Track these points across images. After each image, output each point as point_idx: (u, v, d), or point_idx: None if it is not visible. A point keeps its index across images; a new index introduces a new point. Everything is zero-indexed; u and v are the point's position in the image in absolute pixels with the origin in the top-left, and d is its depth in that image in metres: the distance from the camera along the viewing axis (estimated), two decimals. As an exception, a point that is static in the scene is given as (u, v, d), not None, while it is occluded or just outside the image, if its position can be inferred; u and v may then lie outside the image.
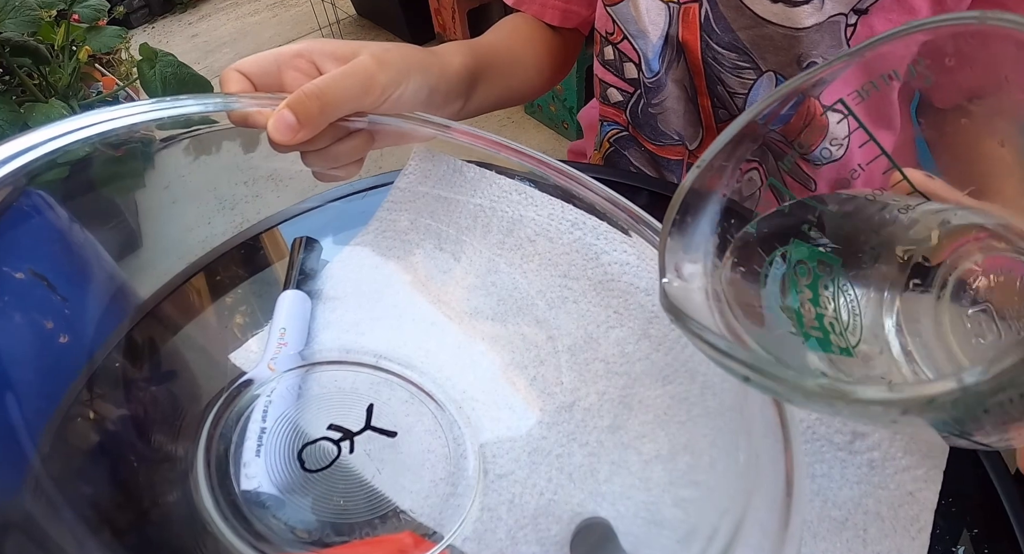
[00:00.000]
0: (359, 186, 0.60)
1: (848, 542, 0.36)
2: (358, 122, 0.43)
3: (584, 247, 0.47)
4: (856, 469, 0.38)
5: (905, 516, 0.36)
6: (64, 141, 0.34)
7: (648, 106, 0.63)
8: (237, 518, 0.37)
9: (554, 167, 0.45)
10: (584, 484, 0.37)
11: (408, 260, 0.52)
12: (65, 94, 1.71)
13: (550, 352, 0.44)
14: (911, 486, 0.37)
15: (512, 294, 0.48)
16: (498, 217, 0.50)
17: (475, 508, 0.38)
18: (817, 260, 0.31)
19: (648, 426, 0.39)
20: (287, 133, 0.38)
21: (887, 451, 0.38)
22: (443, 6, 2.25)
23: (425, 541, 0.36)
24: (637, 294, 0.44)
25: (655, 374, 0.41)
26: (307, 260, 0.54)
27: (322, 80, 0.40)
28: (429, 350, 0.47)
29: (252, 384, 0.44)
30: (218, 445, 0.41)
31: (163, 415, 0.48)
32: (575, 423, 0.40)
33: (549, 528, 0.36)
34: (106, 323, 0.52)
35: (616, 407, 0.40)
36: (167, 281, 0.56)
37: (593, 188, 0.43)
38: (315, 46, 0.45)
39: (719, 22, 0.54)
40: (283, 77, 0.44)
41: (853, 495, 0.37)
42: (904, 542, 0.36)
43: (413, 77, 0.45)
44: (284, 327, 0.47)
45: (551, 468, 0.38)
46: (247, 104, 0.41)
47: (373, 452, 0.40)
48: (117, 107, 0.37)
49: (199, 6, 3.21)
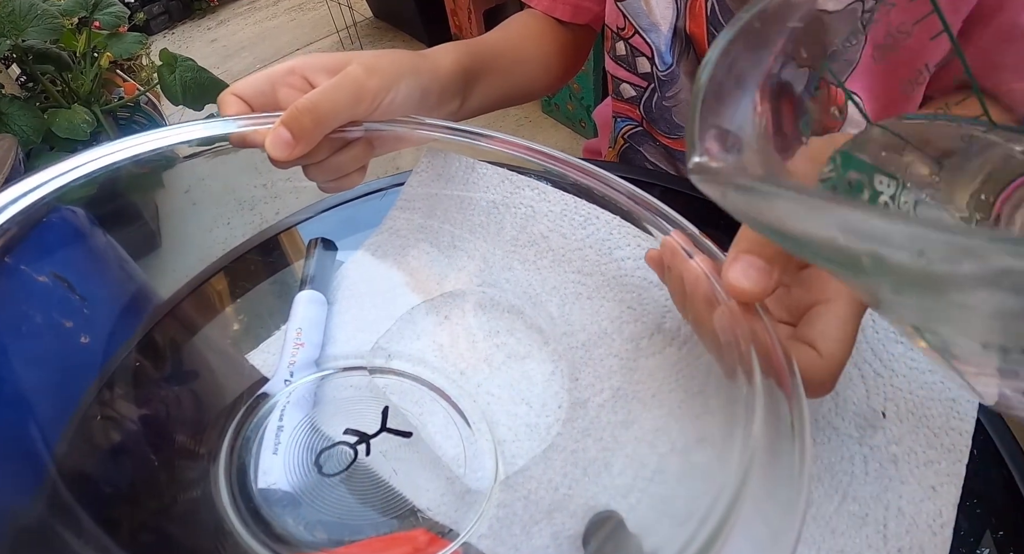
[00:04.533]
0: (375, 186, 0.61)
1: (868, 538, 0.35)
2: (354, 131, 0.44)
3: (597, 242, 0.47)
4: (877, 464, 0.37)
5: (927, 511, 0.35)
6: (88, 169, 0.37)
7: (663, 99, 0.63)
8: (254, 517, 0.37)
9: (568, 162, 0.45)
10: (598, 478, 0.37)
11: (422, 259, 0.52)
12: (87, 100, 1.73)
13: (565, 348, 0.44)
14: (933, 480, 0.36)
15: (527, 291, 0.48)
16: (511, 214, 0.50)
17: (491, 505, 0.37)
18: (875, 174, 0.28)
19: (663, 420, 0.39)
20: (284, 149, 0.40)
21: (909, 446, 0.37)
22: (459, 7, 2.26)
23: (440, 539, 0.36)
24: (651, 289, 0.44)
25: (669, 368, 0.41)
26: (323, 261, 0.54)
27: (313, 94, 0.40)
28: (443, 346, 0.47)
29: (270, 387, 0.45)
30: (238, 445, 0.41)
31: (182, 415, 0.48)
32: (589, 419, 0.40)
33: (564, 523, 0.36)
34: (126, 323, 0.53)
35: (630, 402, 0.40)
36: (186, 282, 0.56)
37: (607, 181, 0.43)
38: (306, 61, 0.45)
39: (725, 14, 0.53)
40: (277, 95, 0.45)
41: (873, 490, 0.36)
42: (926, 538, 0.35)
43: (403, 81, 0.45)
44: (300, 327, 0.48)
45: (566, 463, 0.38)
46: (246, 125, 0.42)
47: (389, 452, 0.41)
48: (129, 138, 0.39)
49: (218, 11, 3.24)
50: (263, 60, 2.76)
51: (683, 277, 0.34)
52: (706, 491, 0.24)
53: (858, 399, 0.39)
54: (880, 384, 0.39)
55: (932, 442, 0.37)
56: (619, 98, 0.68)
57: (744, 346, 0.29)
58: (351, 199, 0.61)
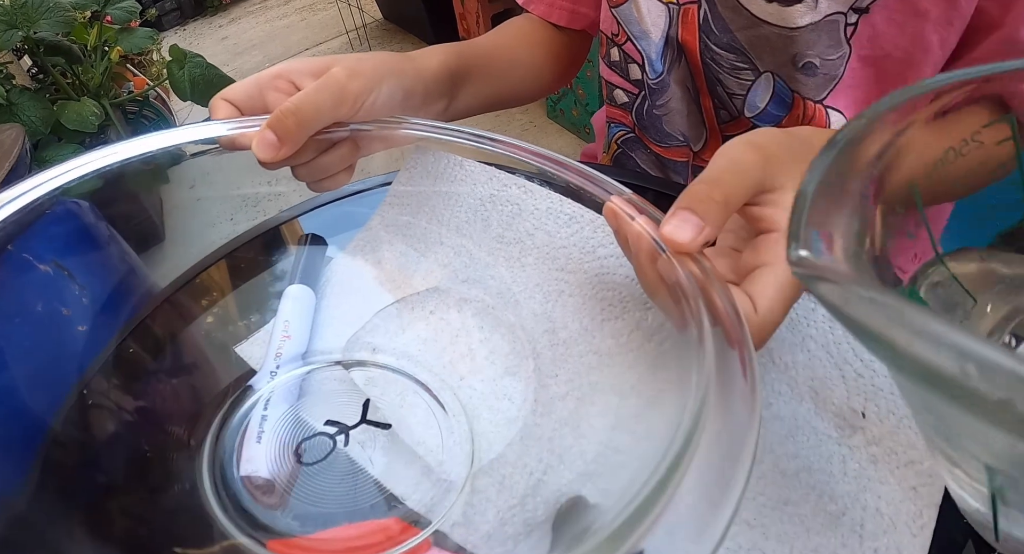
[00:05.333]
0: (370, 184, 0.62)
1: (843, 537, 0.35)
2: (340, 132, 0.45)
3: (581, 241, 0.48)
4: (856, 464, 0.37)
5: (907, 512, 0.36)
6: (92, 167, 0.39)
7: (653, 107, 0.64)
8: (234, 505, 0.38)
9: (554, 159, 0.46)
10: (574, 465, 0.38)
11: (408, 255, 0.53)
12: (97, 93, 1.75)
13: (546, 345, 0.45)
14: (914, 481, 0.36)
15: (510, 288, 0.49)
16: (497, 211, 0.51)
17: (464, 493, 0.38)
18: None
19: (641, 408, 0.39)
20: (270, 151, 0.41)
21: (888, 446, 0.38)
22: (468, 11, 2.27)
23: (412, 527, 0.37)
24: (632, 286, 0.45)
25: (648, 363, 0.41)
26: (312, 256, 0.55)
27: (296, 97, 0.42)
28: (426, 341, 0.48)
29: (256, 379, 0.46)
30: (223, 435, 0.42)
31: (171, 405, 0.49)
32: (568, 411, 0.41)
33: (536, 508, 0.37)
34: (122, 313, 0.54)
35: (609, 395, 0.41)
36: (181, 273, 0.58)
37: (588, 176, 0.44)
38: (292, 66, 0.47)
39: (717, 22, 0.54)
40: (265, 99, 0.46)
41: (851, 489, 0.37)
42: (904, 538, 0.35)
43: (385, 82, 0.46)
44: (288, 320, 0.49)
45: (542, 450, 0.39)
46: (235, 128, 0.43)
47: (367, 443, 0.42)
48: (131, 141, 0.41)
49: (229, 9, 3.27)
50: (272, 59, 2.78)
51: (627, 235, 0.35)
52: (659, 447, 0.25)
53: (838, 399, 0.40)
54: (861, 384, 0.40)
55: (913, 442, 0.37)
56: (613, 104, 0.69)
57: (689, 290, 0.31)
58: (344, 196, 0.62)
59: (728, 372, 0.26)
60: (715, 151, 0.61)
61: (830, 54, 0.51)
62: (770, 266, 0.33)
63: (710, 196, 0.32)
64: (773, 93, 0.55)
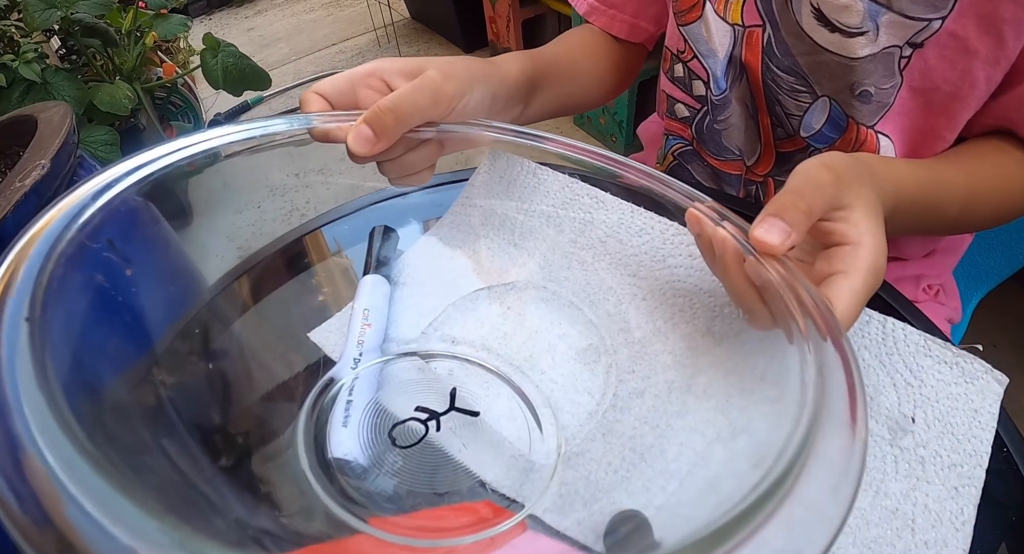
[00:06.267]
0: (435, 180, 0.64)
1: (898, 530, 0.39)
2: (427, 132, 0.47)
3: (652, 250, 0.50)
4: (906, 464, 0.41)
5: (950, 510, 0.39)
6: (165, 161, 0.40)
7: (714, 122, 0.66)
8: (332, 483, 0.40)
9: (622, 162, 0.48)
10: (655, 463, 0.40)
11: (483, 252, 0.56)
12: (129, 77, 1.77)
13: (622, 343, 0.47)
14: (956, 482, 0.40)
15: (585, 288, 0.51)
16: (570, 219, 0.53)
17: (555, 482, 0.41)
18: None
19: (711, 412, 0.42)
20: (365, 145, 0.43)
21: (935, 449, 0.41)
22: (499, 15, 2.29)
23: (504, 511, 0.39)
24: (701, 295, 0.47)
25: (718, 366, 0.44)
26: (384, 248, 0.57)
27: (395, 95, 0.44)
28: (506, 334, 0.50)
29: (339, 366, 0.48)
30: (315, 417, 0.44)
31: (245, 386, 0.50)
32: (647, 408, 0.43)
33: (621, 502, 0.39)
34: (187, 298, 0.55)
35: (683, 395, 0.43)
36: (244, 259, 0.59)
37: (664, 181, 0.47)
38: (385, 65, 0.49)
39: (780, 46, 0.57)
40: (357, 95, 0.48)
41: (903, 487, 0.40)
42: (949, 533, 0.38)
43: (477, 87, 0.49)
44: (367, 308, 0.51)
45: (624, 448, 0.41)
46: (327, 121, 0.45)
47: (458, 430, 0.44)
48: (210, 131, 0.42)
49: (256, 1, 3.28)
50: (299, 53, 2.80)
51: (711, 239, 0.39)
52: (747, 472, 0.27)
53: (890, 404, 0.43)
54: (910, 392, 0.43)
55: (956, 447, 0.41)
56: (672, 117, 0.71)
57: (780, 286, 0.35)
58: (412, 191, 0.64)
59: (828, 367, 0.29)
60: (767, 165, 0.64)
61: (884, 83, 0.53)
62: (844, 274, 0.36)
63: (796, 205, 0.36)
64: (829, 116, 0.57)
